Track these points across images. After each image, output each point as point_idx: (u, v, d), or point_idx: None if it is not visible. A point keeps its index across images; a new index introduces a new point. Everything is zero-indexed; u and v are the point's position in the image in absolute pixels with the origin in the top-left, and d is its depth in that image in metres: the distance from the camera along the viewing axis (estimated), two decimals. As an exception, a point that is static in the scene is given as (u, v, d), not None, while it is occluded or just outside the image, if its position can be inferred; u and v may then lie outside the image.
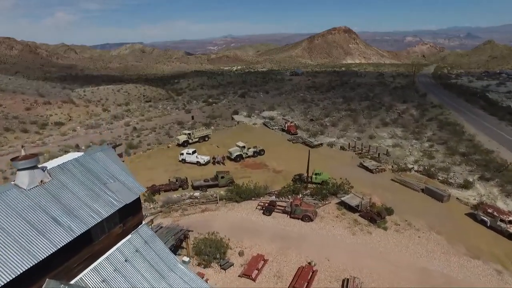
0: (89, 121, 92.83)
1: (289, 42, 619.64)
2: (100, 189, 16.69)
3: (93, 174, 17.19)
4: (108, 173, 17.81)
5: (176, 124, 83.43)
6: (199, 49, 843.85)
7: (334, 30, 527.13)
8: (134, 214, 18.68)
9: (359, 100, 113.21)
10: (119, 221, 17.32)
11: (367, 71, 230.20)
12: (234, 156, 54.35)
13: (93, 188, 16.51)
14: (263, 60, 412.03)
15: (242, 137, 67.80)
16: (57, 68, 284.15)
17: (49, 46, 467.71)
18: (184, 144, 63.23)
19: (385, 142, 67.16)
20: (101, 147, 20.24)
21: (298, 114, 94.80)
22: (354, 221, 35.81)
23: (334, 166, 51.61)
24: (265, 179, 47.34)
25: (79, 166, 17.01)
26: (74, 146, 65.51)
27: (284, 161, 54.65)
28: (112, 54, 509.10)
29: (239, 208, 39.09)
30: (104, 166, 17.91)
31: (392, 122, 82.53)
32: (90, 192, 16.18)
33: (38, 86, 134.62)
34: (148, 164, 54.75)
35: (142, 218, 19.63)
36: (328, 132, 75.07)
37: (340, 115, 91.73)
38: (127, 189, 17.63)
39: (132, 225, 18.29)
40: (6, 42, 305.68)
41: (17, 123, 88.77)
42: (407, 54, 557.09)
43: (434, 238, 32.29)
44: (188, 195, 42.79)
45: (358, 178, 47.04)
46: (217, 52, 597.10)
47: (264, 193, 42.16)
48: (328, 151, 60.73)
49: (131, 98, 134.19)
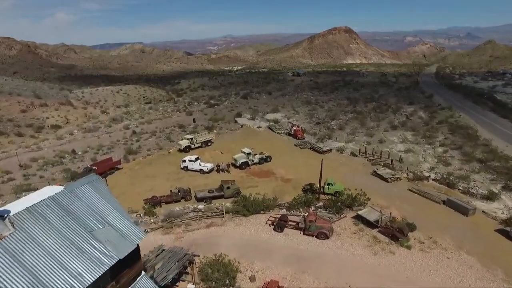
0: (87, 124, 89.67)
1: (289, 42, 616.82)
2: (84, 240, 12.51)
3: (74, 218, 13.01)
4: (96, 214, 13.68)
5: (177, 127, 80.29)
6: (199, 49, 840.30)
7: (335, 30, 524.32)
8: (131, 265, 14.48)
9: (364, 101, 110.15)
10: (111, 279, 13.24)
11: (369, 71, 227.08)
12: (240, 164, 51.24)
13: (74, 240, 12.30)
14: (263, 60, 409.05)
15: (246, 142, 64.77)
16: (56, 69, 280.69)
17: (49, 46, 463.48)
18: (186, 149, 60.14)
19: (396, 147, 64.11)
20: (88, 178, 16.03)
21: (303, 116, 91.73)
22: (373, 239, 32.76)
23: (345, 174, 48.58)
24: (273, 189, 44.31)
25: (56, 208, 12.72)
26: (71, 151, 62.38)
27: (292, 168, 51.58)
28: (111, 54, 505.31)
29: (248, 223, 36.02)
30: (90, 205, 13.80)
31: (401, 125, 79.50)
32: (69, 246, 12.00)
33: (35, 87, 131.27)
34: (148, 171, 51.64)
35: (141, 268, 15.80)
36: (335, 136, 71.98)
37: (347, 118, 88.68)
38: (121, 237, 13.45)
39: (128, 280, 14.30)
40: (5, 42, 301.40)
41: (12, 126, 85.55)
42: (407, 54, 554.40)
43: (465, 260, 29.23)
44: (192, 207, 39.70)
45: (372, 187, 43.97)
46: (217, 52, 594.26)
47: (273, 206, 39.09)
48: (338, 157, 57.63)
49: (131, 99, 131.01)
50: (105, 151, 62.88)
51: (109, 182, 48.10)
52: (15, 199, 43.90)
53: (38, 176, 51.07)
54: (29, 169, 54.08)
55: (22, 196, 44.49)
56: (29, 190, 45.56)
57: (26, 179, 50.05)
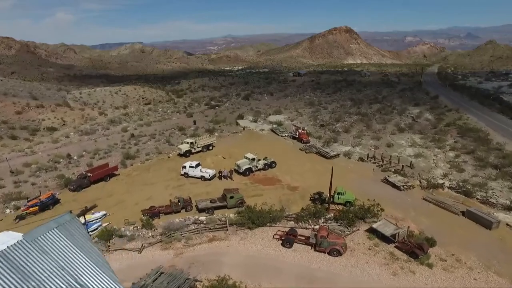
0: (84, 126, 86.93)
1: (289, 42, 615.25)
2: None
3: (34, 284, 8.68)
4: (66, 274, 9.47)
5: (177, 130, 77.55)
6: (199, 49, 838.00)
7: (335, 30, 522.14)
8: None
9: (368, 102, 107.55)
10: None
11: (370, 71, 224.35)
12: (243, 170, 48.51)
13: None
14: (264, 60, 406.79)
15: (249, 146, 62.10)
16: (55, 69, 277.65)
17: (49, 46, 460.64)
18: (186, 154, 57.43)
19: (405, 152, 61.47)
20: (58, 220, 11.71)
21: (306, 118, 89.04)
22: (390, 255, 30.12)
23: (355, 182, 45.91)
24: (279, 198, 41.64)
25: (6, 271, 8.51)
26: (66, 155, 59.65)
27: (298, 175, 48.90)
28: (111, 54, 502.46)
29: (253, 237, 33.35)
30: (58, 260, 9.61)
31: (408, 128, 76.83)
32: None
33: (31, 88, 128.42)
34: (146, 178, 48.94)
35: None
36: (341, 139, 69.31)
37: (352, 120, 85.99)
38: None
39: None
40: (5, 42, 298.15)
41: (6, 128, 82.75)
42: (407, 54, 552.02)
43: (496, 282, 26.58)
44: (193, 219, 37.01)
45: (384, 196, 41.31)
46: (217, 52, 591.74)
47: (280, 217, 36.42)
48: (345, 163, 54.94)
49: (130, 100, 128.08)
50: (101, 155, 60.16)
51: (105, 190, 45.56)
52: (4, 209, 41.34)
53: (30, 183, 48.33)
54: (20, 175, 51.32)
55: (11, 206, 41.98)
56: (19, 199, 42.94)
57: (16, 187, 47.31)
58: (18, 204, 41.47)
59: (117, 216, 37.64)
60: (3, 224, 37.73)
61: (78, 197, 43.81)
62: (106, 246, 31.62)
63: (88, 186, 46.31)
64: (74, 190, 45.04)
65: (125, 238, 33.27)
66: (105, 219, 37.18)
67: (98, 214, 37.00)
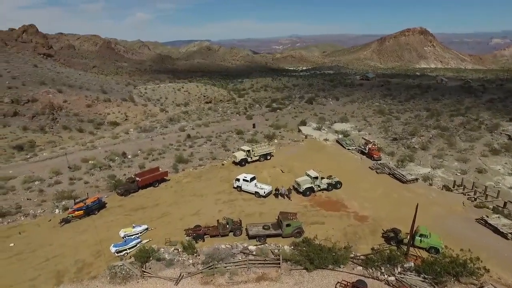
0: (144, 123, 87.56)
1: (355, 43, 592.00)
2: None
3: None
4: None
5: (235, 133, 73.71)
6: (264, 47, 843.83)
7: (408, 31, 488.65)
8: None
9: (448, 114, 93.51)
10: None
11: (447, 77, 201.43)
12: (303, 189, 42.33)
13: None
14: (329, 61, 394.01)
15: (311, 158, 55.71)
16: (128, 63, 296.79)
17: (127, 43, 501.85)
18: (242, 163, 52.79)
19: (504, 181, 50.17)
20: None
21: (376, 129, 79.58)
22: None
23: (439, 219, 37.09)
24: (344, 230, 34.81)
25: None
26: (121, 153, 58.79)
27: (368, 201, 41.33)
28: (180, 51, 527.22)
29: (311, 283, 27.17)
30: None
31: (505, 150, 63.75)
32: None
33: (103, 82, 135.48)
34: (197, 188, 45.14)
35: None
36: (418, 158, 59.59)
37: (430, 135, 74.59)
38: None
39: None
40: (92, 39, 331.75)
41: (76, 120, 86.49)
42: (493, 58, 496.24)
43: None
44: (241, 247, 31.89)
45: (484, 246, 32.02)
46: (282, 51, 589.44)
47: (346, 259, 29.66)
48: (426, 190, 45.70)
49: (191, 98, 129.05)
50: (155, 156, 58.23)
51: (151, 198, 42.65)
52: (54, 209, 40.30)
53: (83, 181, 47.46)
54: (77, 171, 51.04)
55: (60, 206, 40.89)
56: (70, 198, 41.78)
57: (71, 184, 46.69)
58: (67, 205, 40.18)
59: (159, 232, 34.03)
60: (49, 225, 36.44)
61: (125, 203, 41.45)
62: (141, 270, 27.84)
63: (136, 191, 43.88)
64: (122, 195, 42.87)
65: (163, 262, 29.28)
66: (145, 234, 33.74)
67: (139, 228, 33.67)
